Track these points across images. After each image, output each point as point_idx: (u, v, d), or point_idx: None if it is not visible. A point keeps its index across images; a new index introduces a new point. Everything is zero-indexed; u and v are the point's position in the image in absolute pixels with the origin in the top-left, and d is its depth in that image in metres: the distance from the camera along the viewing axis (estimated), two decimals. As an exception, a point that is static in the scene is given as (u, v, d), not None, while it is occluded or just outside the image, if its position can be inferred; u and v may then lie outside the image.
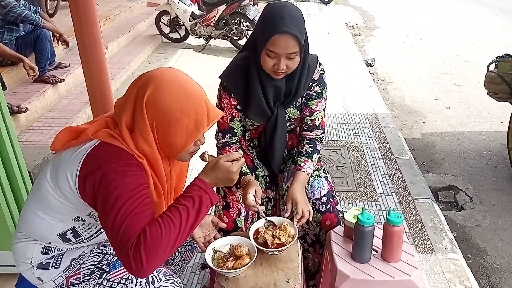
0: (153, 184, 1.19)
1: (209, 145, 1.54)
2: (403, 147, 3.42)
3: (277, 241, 1.46)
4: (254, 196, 1.57)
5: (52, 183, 1.16)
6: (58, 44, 4.28)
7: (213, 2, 6.40)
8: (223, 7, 6.24)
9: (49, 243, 1.26)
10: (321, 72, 1.73)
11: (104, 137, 1.13)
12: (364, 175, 3.01)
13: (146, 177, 1.14)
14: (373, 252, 1.50)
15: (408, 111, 4.59)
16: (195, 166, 3.16)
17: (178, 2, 6.59)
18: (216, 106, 1.72)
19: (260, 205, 1.56)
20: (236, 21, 6.43)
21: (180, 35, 7.00)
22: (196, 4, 7.04)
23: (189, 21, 6.56)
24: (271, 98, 1.65)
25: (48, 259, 1.27)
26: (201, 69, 5.36)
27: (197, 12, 6.63)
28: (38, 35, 3.96)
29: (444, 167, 3.48)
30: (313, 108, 1.74)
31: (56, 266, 1.26)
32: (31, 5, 4.09)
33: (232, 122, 1.71)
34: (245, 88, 1.65)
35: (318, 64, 1.72)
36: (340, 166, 3.12)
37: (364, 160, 3.21)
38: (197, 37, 6.63)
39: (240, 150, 1.75)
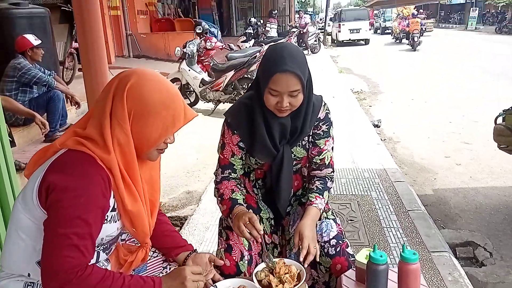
0: (126, 187, 1.15)
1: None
2: (415, 200, 3.30)
3: (280, 286, 1.35)
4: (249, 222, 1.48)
5: (22, 201, 1.13)
6: (71, 105, 4.41)
7: (222, 68, 6.67)
8: (232, 73, 6.49)
9: (29, 275, 1.17)
10: (327, 111, 1.72)
11: (72, 145, 1.11)
12: (376, 228, 2.88)
13: (105, 193, 1.11)
14: (389, 297, 1.37)
15: (418, 168, 4.52)
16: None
17: (189, 70, 6.89)
18: (219, 143, 1.71)
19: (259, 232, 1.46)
20: (244, 86, 6.63)
21: (190, 100, 7.21)
22: (206, 72, 7.34)
23: (199, 87, 6.80)
24: (276, 136, 1.63)
25: (31, 297, 1.17)
26: (210, 132, 5.42)
27: (207, 78, 6.89)
28: (51, 96, 4.11)
29: (459, 222, 3.32)
30: (321, 147, 1.71)
31: (40, 305, 1.17)
32: (46, 70, 4.29)
33: (233, 159, 1.68)
34: (249, 125, 1.64)
35: (323, 103, 1.72)
36: (351, 220, 3.00)
37: (375, 213, 3.09)
38: (207, 101, 6.83)
39: (238, 186, 1.70)
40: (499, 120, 3.33)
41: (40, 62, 4.35)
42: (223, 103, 6.70)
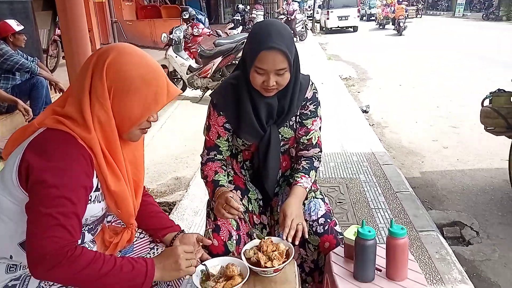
0: (108, 167, 1.12)
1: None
2: (403, 182, 3.33)
3: (269, 263, 1.34)
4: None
5: (1, 182, 1.09)
6: (55, 92, 4.33)
7: (209, 55, 6.59)
8: (219, 59, 6.41)
9: (11, 257, 1.13)
10: (314, 91, 1.70)
11: (51, 123, 1.08)
12: (365, 210, 2.89)
13: (88, 172, 1.08)
14: (377, 272, 1.37)
15: (405, 152, 4.54)
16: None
17: (176, 57, 6.79)
18: (205, 124, 1.68)
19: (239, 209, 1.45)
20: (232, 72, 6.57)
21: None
22: (194, 59, 7.25)
23: (187, 74, 6.72)
24: (263, 116, 1.60)
25: (14, 280, 1.14)
26: (198, 119, 5.38)
27: (194, 65, 6.81)
28: (34, 83, 4.01)
29: (447, 203, 3.36)
30: (308, 127, 1.69)
31: (23, 288, 1.14)
32: (28, 56, 4.19)
33: (218, 140, 1.66)
34: (235, 106, 1.62)
35: (311, 83, 1.70)
36: (340, 202, 3.01)
37: (363, 196, 3.10)
38: (194, 88, 6.75)
39: (223, 167, 1.68)
40: (486, 102, 3.35)
41: (23, 49, 4.24)
42: (211, 90, 6.63)
